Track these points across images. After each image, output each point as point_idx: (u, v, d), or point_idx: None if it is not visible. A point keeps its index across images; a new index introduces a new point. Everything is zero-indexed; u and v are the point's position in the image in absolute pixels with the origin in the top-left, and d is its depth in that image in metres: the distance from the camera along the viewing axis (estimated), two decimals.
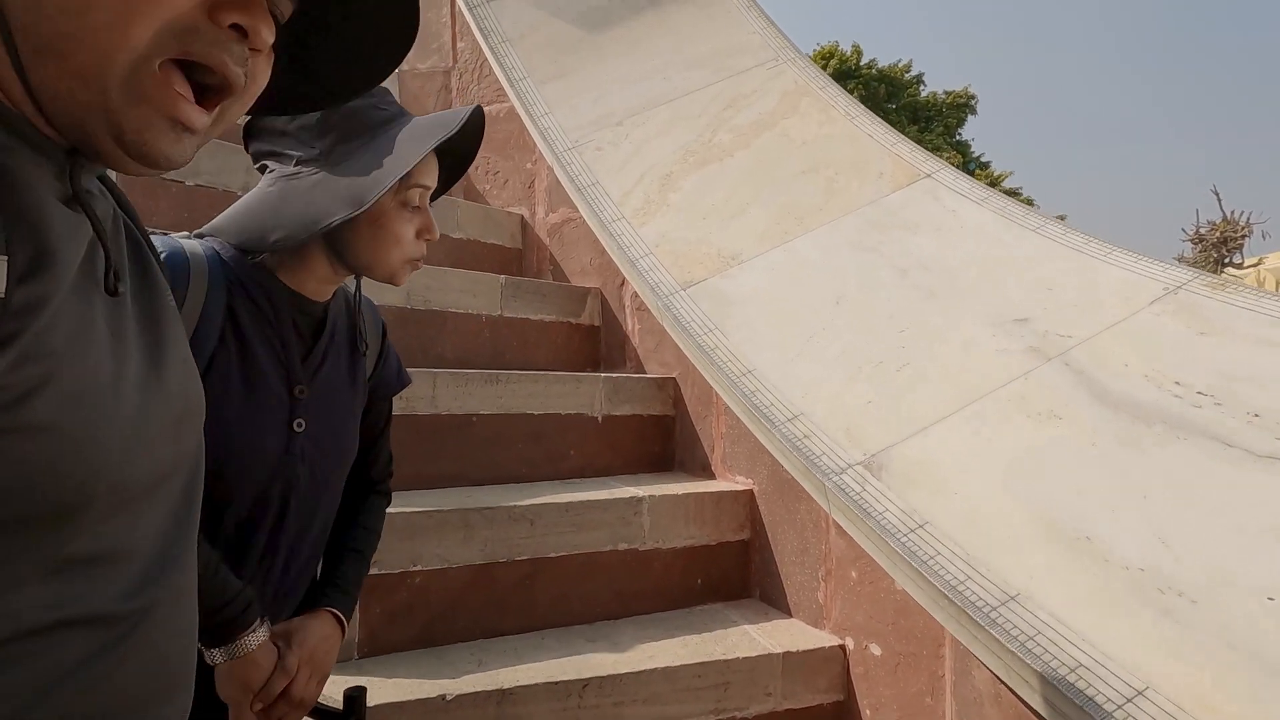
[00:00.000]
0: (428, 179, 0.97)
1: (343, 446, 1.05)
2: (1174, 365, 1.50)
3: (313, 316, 1.00)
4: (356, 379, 1.08)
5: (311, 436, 0.98)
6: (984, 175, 23.45)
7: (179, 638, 0.54)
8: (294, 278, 0.96)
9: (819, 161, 2.51)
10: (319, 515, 1.03)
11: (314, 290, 0.98)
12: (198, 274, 0.91)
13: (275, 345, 0.95)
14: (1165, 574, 1.12)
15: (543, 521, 1.93)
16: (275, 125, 0.95)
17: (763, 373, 1.89)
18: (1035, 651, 1.09)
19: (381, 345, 1.15)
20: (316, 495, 1.01)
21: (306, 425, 0.97)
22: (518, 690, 1.58)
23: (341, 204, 0.89)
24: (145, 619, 0.50)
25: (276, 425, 0.94)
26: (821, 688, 1.85)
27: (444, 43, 3.35)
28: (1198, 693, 0.97)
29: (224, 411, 0.89)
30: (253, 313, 0.94)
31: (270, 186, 0.93)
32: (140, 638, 0.49)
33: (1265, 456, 1.23)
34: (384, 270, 0.97)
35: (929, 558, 1.30)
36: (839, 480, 1.54)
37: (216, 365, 0.90)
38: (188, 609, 0.56)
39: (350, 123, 0.92)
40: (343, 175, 0.90)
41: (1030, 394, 1.56)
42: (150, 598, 0.50)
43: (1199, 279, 1.72)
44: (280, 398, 0.95)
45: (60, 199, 0.46)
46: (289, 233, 0.90)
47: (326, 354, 1.01)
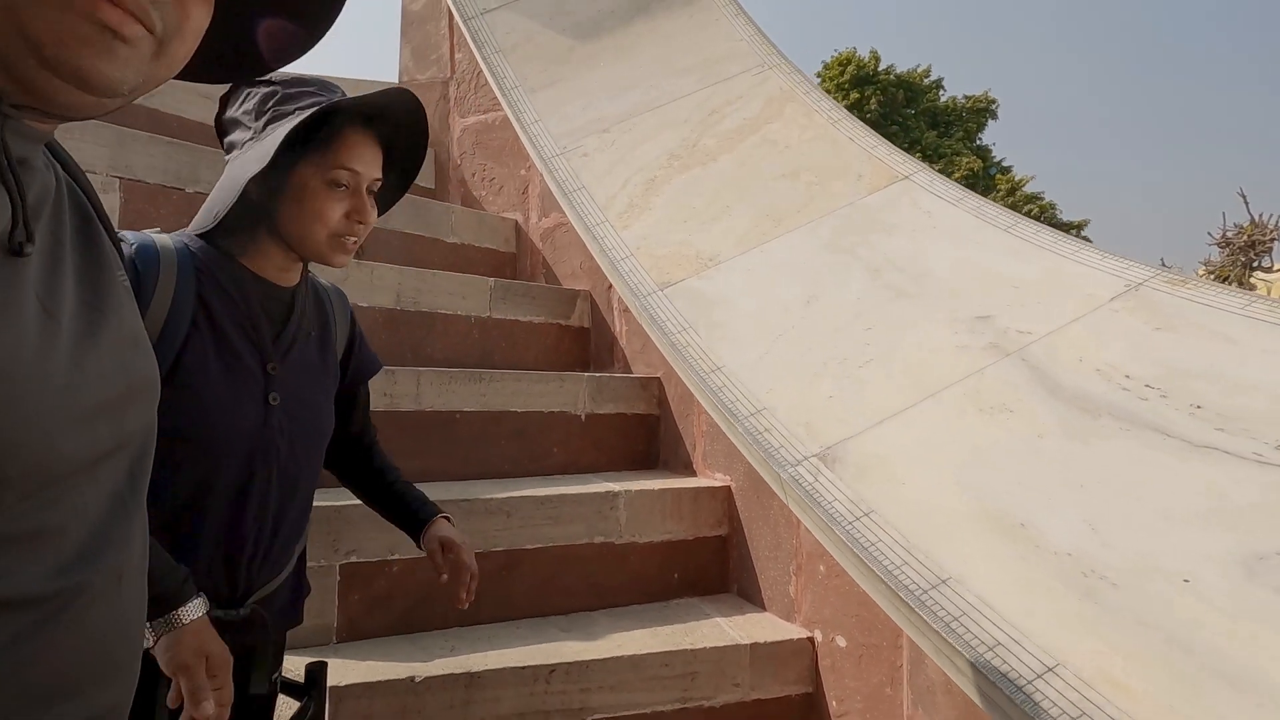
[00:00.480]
0: (356, 162, 1.01)
1: (319, 422, 1.12)
2: (1127, 359, 1.52)
3: (280, 301, 1.07)
4: (327, 362, 1.15)
5: (288, 411, 1.04)
6: (1005, 180, 23.17)
7: (118, 621, 0.53)
8: (255, 263, 1.04)
9: (800, 165, 2.55)
10: (300, 487, 1.09)
11: (276, 275, 1.06)
12: (167, 264, 0.98)
13: (246, 327, 1.02)
14: (1091, 558, 1.15)
15: (520, 514, 1.99)
16: (228, 114, 1.04)
17: (731, 370, 1.93)
18: (958, 631, 1.12)
19: (351, 331, 1.22)
20: (297, 468, 1.07)
21: (282, 400, 1.03)
22: (485, 674, 1.64)
23: (254, 163, 0.96)
24: (76, 599, 0.48)
25: (253, 400, 1.01)
26: (790, 679, 1.88)
27: (442, 54, 3.45)
28: (1106, 669, 0.99)
29: (203, 390, 0.97)
30: (222, 298, 1.01)
31: (226, 170, 1.02)
32: (71, 619, 0.48)
33: (1202, 446, 1.25)
34: (311, 246, 1.02)
35: (870, 544, 1.34)
36: (794, 472, 1.58)
37: (191, 348, 0.97)
38: (129, 591, 0.54)
39: (284, 105, 1.00)
40: (264, 142, 0.97)
41: (985, 388, 1.59)
42: (81, 578, 0.48)
43: (1160, 276, 1.73)
44: (254, 374, 1.02)
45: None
46: (223, 203, 0.98)
47: (296, 336, 1.08)
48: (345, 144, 1.01)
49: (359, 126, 1.04)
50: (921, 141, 22.34)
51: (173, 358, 0.96)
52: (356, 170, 1.02)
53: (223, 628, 0.99)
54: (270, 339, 1.04)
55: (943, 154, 22.34)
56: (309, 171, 1.00)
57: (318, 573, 1.74)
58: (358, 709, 1.53)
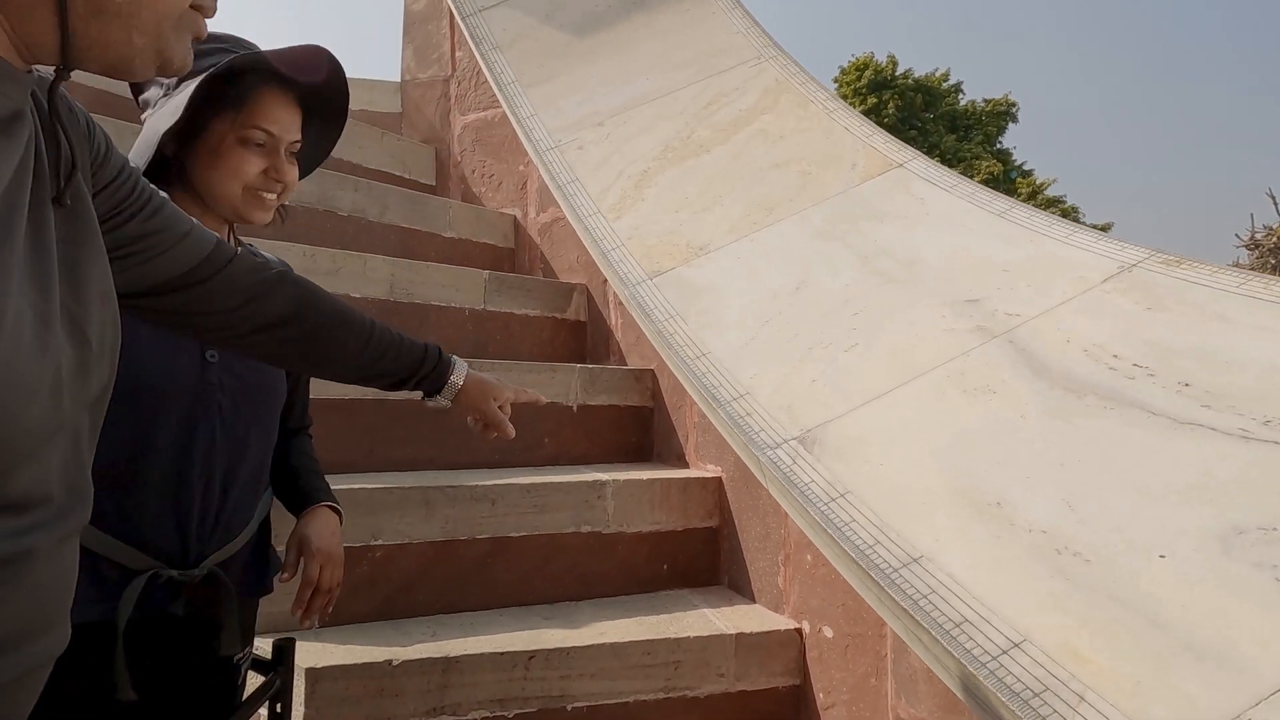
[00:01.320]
0: (273, 125, 1.01)
1: (265, 382, 1.10)
2: (1115, 339, 1.48)
3: None
4: None
5: (228, 368, 1.03)
6: (1025, 184, 22.86)
7: (61, 576, 0.54)
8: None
9: (794, 155, 2.54)
10: (250, 447, 1.08)
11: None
12: None
13: None
14: (1066, 535, 1.11)
15: (505, 501, 1.98)
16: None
17: (716, 356, 1.91)
18: (925, 609, 1.09)
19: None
20: (244, 427, 1.06)
21: (220, 357, 1.02)
22: (464, 659, 1.63)
23: (167, 117, 0.96)
24: (28, 560, 0.49)
25: (189, 355, 1.00)
26: (777, 671, 1.85)
27: (443, 53, 3.49)
28: (1073, 644, 0.96)
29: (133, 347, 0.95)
30: None
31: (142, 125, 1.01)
32: (22, 577, 0.49)
33: (1186, 423, 1.21)
34: (226, 203, 1.02)
35: (844, 524, 1.31)
36: (773, 455, 1.56)
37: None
38: (70, 547, 0.56)
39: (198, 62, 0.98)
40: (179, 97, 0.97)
41: (969, 370, 1.56)
42: (35, 542, 0.50)
43: (1154, 257, 1.69)
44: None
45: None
46: (137, 159, 0.97)
47: None
48: (260, 102, 1.01)
49: (274, 86, 1.03)
50: (940, 146, 22.14)
51: None
52: (271, 131, 1.01)
53: (178, 589, 0.98)
54: None
55: (962, 158, 22.13)
56: (223, 129, 1.00)
57: None
58: (334, 690, 1.53)
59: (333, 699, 1.52)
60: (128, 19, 0.51)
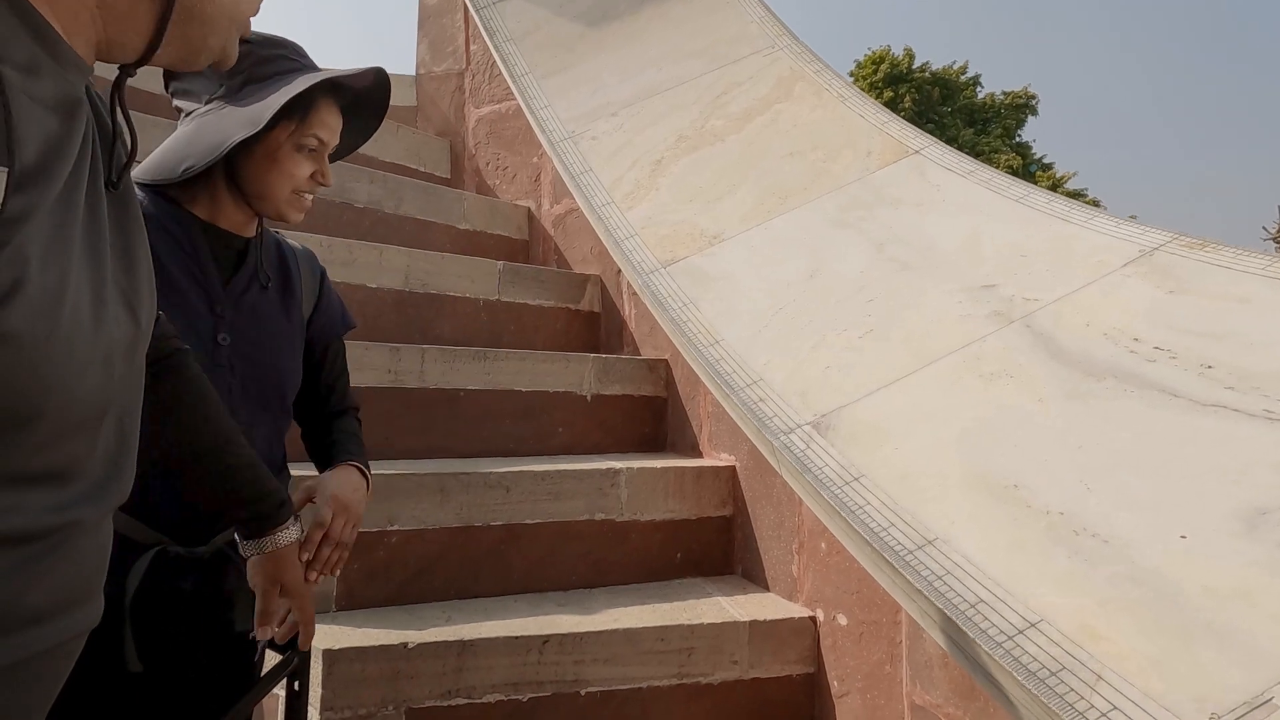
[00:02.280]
0: (326, 133, 1.06)
1: (276, 366, 1.11)
2: (1136, 323, 1.46)
3: (232, 249, 1.08)
4: (290, 315, 1.15)
5: (240, 353, 1.05)
6: (1045, 177, 22.55)
7: (100, 550, 0.56)
8: (208, 212, 1.05)
9: (808, 143, 2.52)
10: (257, 430, 1.08)
11: (230, 225, 1.07)
12: None
13: (193, 269, 1.03)
14: (1083, 517, 1.09)
15: (519, 489, 1.99)
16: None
17: (730, 343, 1.91)
18: (940, 589, 1.08)
19: (320, 289, 1.23)
20: (250, 413, 1.07)
21: (233, 342, 1.04)
22: (478, 643, 1.64)
23: (240, 126, 0.98)
24: (74, 533, 0.51)
25: (200, 338, 1.01)
26: (791, 659, 1.84)
27: (458, 46, 3.50)
28: (1090, 624, 0.94)
29: None
30: (168, 243, 1.01)
31: (185, 125, 1.03)
32: (68, 550, 0.51)
33: (1209, 405, 1.18)
34: (273, 204, 1.05)
35: (858, 507, 1.30)
36: (786, 440, 1.55)
37: None
38: (108, 523, 0.57)
39: (261, 67, 1.02)
40: (246, 106, 1.00)
41: (986, 355, 1.54)
42: (80, 514, 0.51)
43: (1177, 240, 1.66)
44: (201, 313, 1.02)
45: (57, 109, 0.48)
46: (196, 159, 0.99)
47: (250, 284, 1.09)
48: (319, 113, 1.05)
49: (331, 97, 1.07)
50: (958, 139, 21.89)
51: None
52: (323, 138, 1.06)
53: (186, 566, 1.00)
54: (220, 284, 1.05)
55: (980, 151, 21.87)
56: (283, 135, 1.03)
57: None
58: (350, 672, 1.55)
59: (349, 680, 1.54)
60: (210, 23, 0.56)
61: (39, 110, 0.46)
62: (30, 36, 0.46)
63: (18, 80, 0.44)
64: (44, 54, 0.47)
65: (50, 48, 0.47)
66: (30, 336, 0.43)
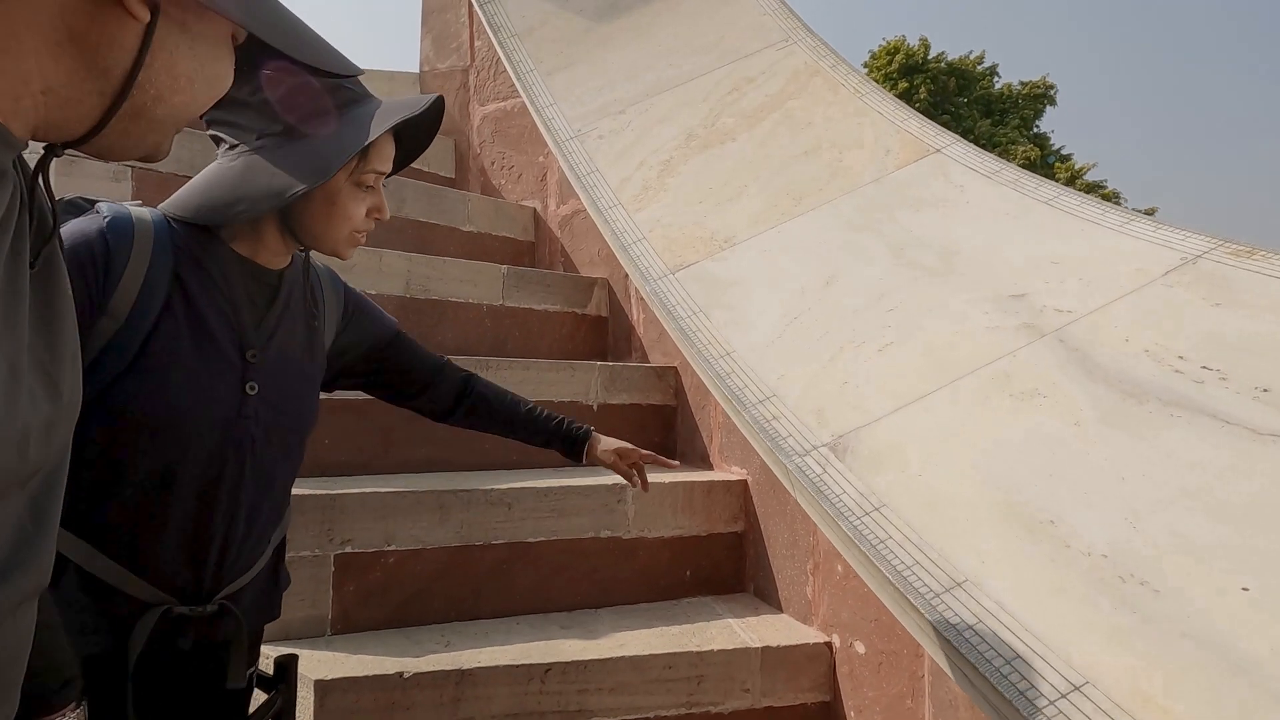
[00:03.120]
0: (383, 164, 0.99)
1: (300, 412, 1.05)
2: (1181, 339, 1.35)
3: (266, 285, 1.01)
4: (314, 348, 1.09)
5: (266, 400, 0.98)
6: (1064, 168, 22.15)
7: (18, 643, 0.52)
8: (246, 247, 0.98)
9: (824, 141, 2.41)
10: (278, 478, 1.04)
11: (267, 259, 1.00)
12: (142, 240, 0.92)
13: (226, 310, 0.96)
14: (1130, 561, 1.00)
15: (521, 506, 1.91)
16: (238, 96, 0.94)
17: (741, 355, 1.82)
18: (972, 641, 0.99)
19: (344, 306, 1.15)
20: (273, 459, 1.02)
21: (260, 389, 0.97)
22: (477, 671, 1.57)
23: (305, 175, 0.90)
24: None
25: (229, 387, 0.95)
26: (805, 687, 1.76)
27: (462, 42, 3.42)
28: (1144, 689, 0.85)
29: (172, 376, 0.91)
30: (202, 279, 0.95)
31: (232, 160, 0.94)
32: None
33: (1267, 434, 1.08)
34: (330, 244, 0.98)
35: (878, 541, 1.21)
36: (801, 462, 1.46)
37: (162, 330, 0.91)
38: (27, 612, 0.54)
39: (316, 99, 0.93)
40: (307, 149, 0.91)
41: (1016, 372, 1.44)
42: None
43: (1223, 247, 1.54)
44: (231, 360, 0.96)
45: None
46: (252, 204, 0.91)
47: (281, 320, 1.02)
48: (377, 146, 0.98)
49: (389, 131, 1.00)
50: (974, 130, 21.54)
51: (141, 340, 0.90)
52: (382, 171, 0.99)
53: (188, 625, 0.96)
54: (252, 324, 0.98)
55: (997, 143, 21.51)
56: (343, 176, 0.96)
57: (312, 563, 1.70)
58: (344, 702, 1.48)
59: (342, 712, 1.48)
60: (159, 124, 0.56)
61: None
62: None
63: None
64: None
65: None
66: None
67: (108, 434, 0.89)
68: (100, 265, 0.88)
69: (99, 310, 0.87)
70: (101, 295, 0.88)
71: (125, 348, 0.88)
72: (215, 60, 0.57)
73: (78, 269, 0.85)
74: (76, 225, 0.90)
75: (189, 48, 0.54)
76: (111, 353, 0.88)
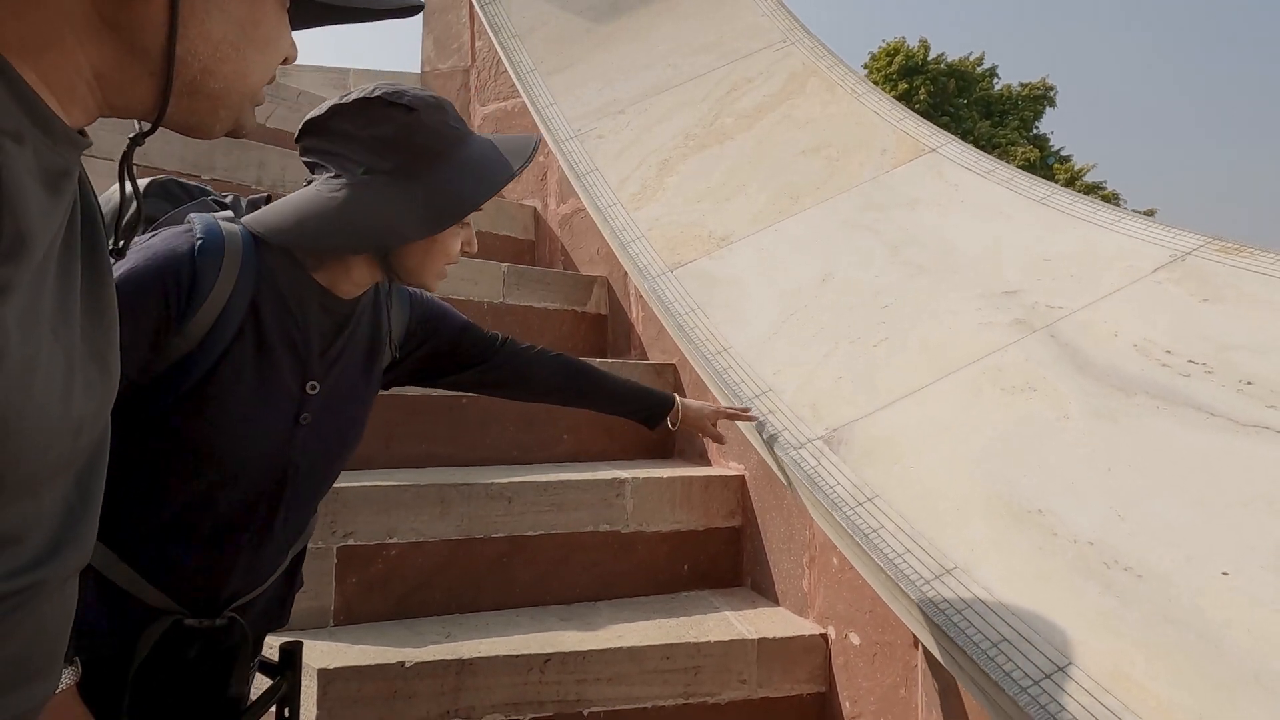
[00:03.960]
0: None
1: (346, 439, 1.05)
2: (1168, 334, 1.38)
3: (338, 314, 0.99)
4: (372, 372, 1.08)
5: (315, 430, 0.98)
6: (1063, 169, 22.19)
7: (62, 616, 0.54)
8: (327, 277, 0.96)
9: (821, 141, 2.44)
10: (314, 500, 1.05)
11: (346, 290, 0.98)
12: (230, 264, 0.90)
13: (295, 340, 0.94)
14: (1115, 548, 1.02)
15: (521, 500, 1.94)
16: (345, 128, 0.92)
17: (738, 351, 1.84)
18: (960, 625, 1.01)
19: (410, 319, 1.14)
20: (315, 484, 1.02)
21: (313, 419, 0.97)
22: (478, 661, 1.59)
23: (416, 223, 0.90)
24: (33, 598, 0.49)
25: (281, 420, 0.94)
26: (801, 678, 1.78)
27: (463, 43, 3.45)
28: (1125, 670, 0.87)
29: (231, 408, 0.90)
30: (277, 308, 0.93)
31: (334, 191, 0.91)
32: (27, 615, 0.49)
33: (1250, 425, 1.11)
34: (423, 279, 0.98)
35: (871, 530, 1.23)
36: (796, 455, 1.48)
37: (231, 356, 0.90)
38: (72, 587, 0.56)
39: (427, 139, 0.92)
40: (419, 194, 0.90)
41: (1007, 367, 1.46)
42: (38, 577, 0.50)
43: (1211, 244, 1.57)
44: (291, 392, 0.95)
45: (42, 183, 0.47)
46: (353, 240, 0.91)
47: (345, 349, 1.01)
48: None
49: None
50: (974, 132, 21.57)
51: (209, 365, 0.88)
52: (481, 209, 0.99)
53: (197, 636, 0.97)
54: (317, 353, 0.97)
55: (997, 144, 21.54)
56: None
57: (315, 555, 1.73)
58: (347, 691, 1.51)
59: (345, 700, 1.50)
60: (219, 98, 0.56)
61: (29, 182, 0.46)
62: (22, 109, 0.46)
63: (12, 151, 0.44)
64: (34, 127, 0.47)
65: (41, 121, 0.47)
66: (6, 410, 0.43)
67: (158, 452, 0.89)
68: (185, 287, 0.86)
69: (174, 331, 0.86)
70: (180, 318, 0.86)
71: (192, 371, 0.87)
72: (259, 22, 0.56)
73: (162, 287, 0.85)
74: (169, 241, 0.88)
75: (222, 13, 0.53)
76: (177, 372, 0.87)
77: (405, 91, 0.93)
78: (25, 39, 0.47)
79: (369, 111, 0.92)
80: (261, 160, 2.55)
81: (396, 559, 1.81)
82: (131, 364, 0.83)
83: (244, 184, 2.51)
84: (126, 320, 0.79)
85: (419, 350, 1.17)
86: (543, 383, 1.35)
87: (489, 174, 0.94)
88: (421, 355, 1.18)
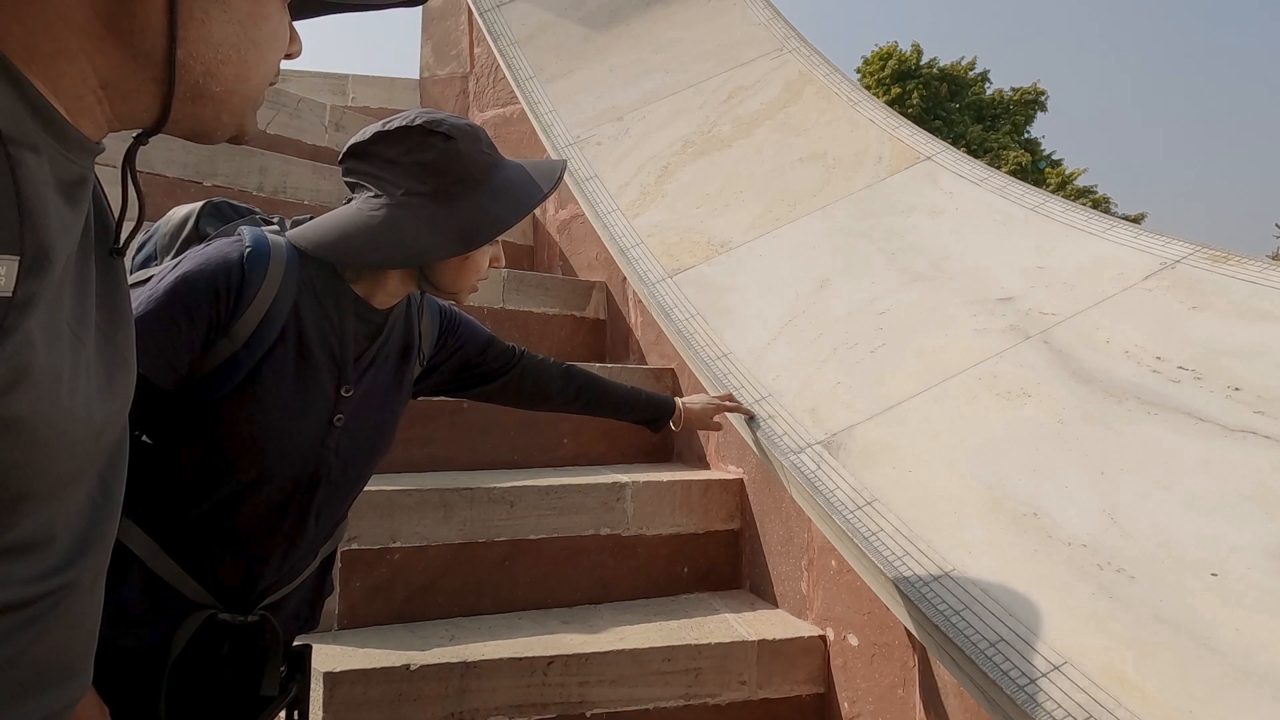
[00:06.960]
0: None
1: (378, 443, 1.10)
2: (1158, 340, 1.41)
3: (373, 323, 1.05)
4: (403, 379, 1.13)
5: (349, 431, 1.02)
6: (1054, 174, 22.36)
7: (93, 614, 0.55)
8: (364, 288, 1.02)
9: (818, 149, 2.48)
10: (346, 501, 1.09)
11: (381, 301, 1.04)
12: (274, 273, 0.96)
13: (333, 346, 0.99)
14: (1108, 549, 1.05)
15: (523, 504, 1.96)
16: (387, 153, 0.99)
17: (737, 356, 1.87)
18: (958, 626, 1.04)
19: (441, 329, 1.20)
20: (348, 485, 1.06)
21: (346, 420, 1.02)
22: (482, 664, 1.61)
23: (451, 242, 0.96)
24: (65, 598, 0.50)
25: (317, 421, 0.99)
26: (800, 679, 1.81)
27: (462, 49, 3.47)
28: (1118, 668, 0.90)
29: (270, 408, 0.95)
30: (317, 314, 0.99)
31: (374, 210, 0.98)
32: (60, 615, 0.50)
33: (1237, 430, 1.14)
34: (455, 292, 1.06)
35: (871, 534, 1.26)
36: (796, 459, 1.51)
37: (273, 358, 0.95)
38: (99, 588, 0.57)
39: (463, 165, 0.98)
40: (453, 215, 0.97)
41: (1002, 372, 1.49)
42: (68, 578, 0.51)
43: (1200, 252, 1.61)
44: (326, 394, 1.00)
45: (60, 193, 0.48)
46: (390, 257, 0.97)
47: (378, 355, 1.06)
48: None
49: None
50: (966, 136, 21.73)
51: (251, 367, 0.94)
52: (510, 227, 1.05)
53: (230, 631, 0.99)
54: (353, 358, 1.02)
55: (989, 148, 21.69)
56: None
57: None
58: (352, 694, 1.52)
59: (351, 703, 1.52)
60: (222, 101, 0.56)
61: (49, 194, 0.46)
62: (36, 119, 0.47)
63: (30, 164, 0.44)
64: (49, 136, 0.47)
65: (55, 129, 0.48)
66: (34, 420, 0.44)
67: (201, 449, 0.94)
68: (234, 292, 0.92)
69: (223, 333, 0.92)
70: (229, 320, 0.92)
71: (237, 369, 0.93)
72: (260, 22, 0.55)
73: (213, 289, 0.90)
74: (221, 249, 0.94)
75: (222, 13, 0.53)
76: (224, 370, 0.93)
77: (444, 120, 0.99)
78: (29, 44, 0.46)
79: (410, 138, 0.98)
80: (263, 166, 2.57)
81: (400, 563, 1.83)
82: (183, 361, 0.89)
83: (245, 190, 2.52)
84: (182, 318, 0.88)
85: (449, 361, 1.23)
86: (559, 394, 1.42)
87: (519, 198, 1.00)
88: (451, 366, 1.24)
